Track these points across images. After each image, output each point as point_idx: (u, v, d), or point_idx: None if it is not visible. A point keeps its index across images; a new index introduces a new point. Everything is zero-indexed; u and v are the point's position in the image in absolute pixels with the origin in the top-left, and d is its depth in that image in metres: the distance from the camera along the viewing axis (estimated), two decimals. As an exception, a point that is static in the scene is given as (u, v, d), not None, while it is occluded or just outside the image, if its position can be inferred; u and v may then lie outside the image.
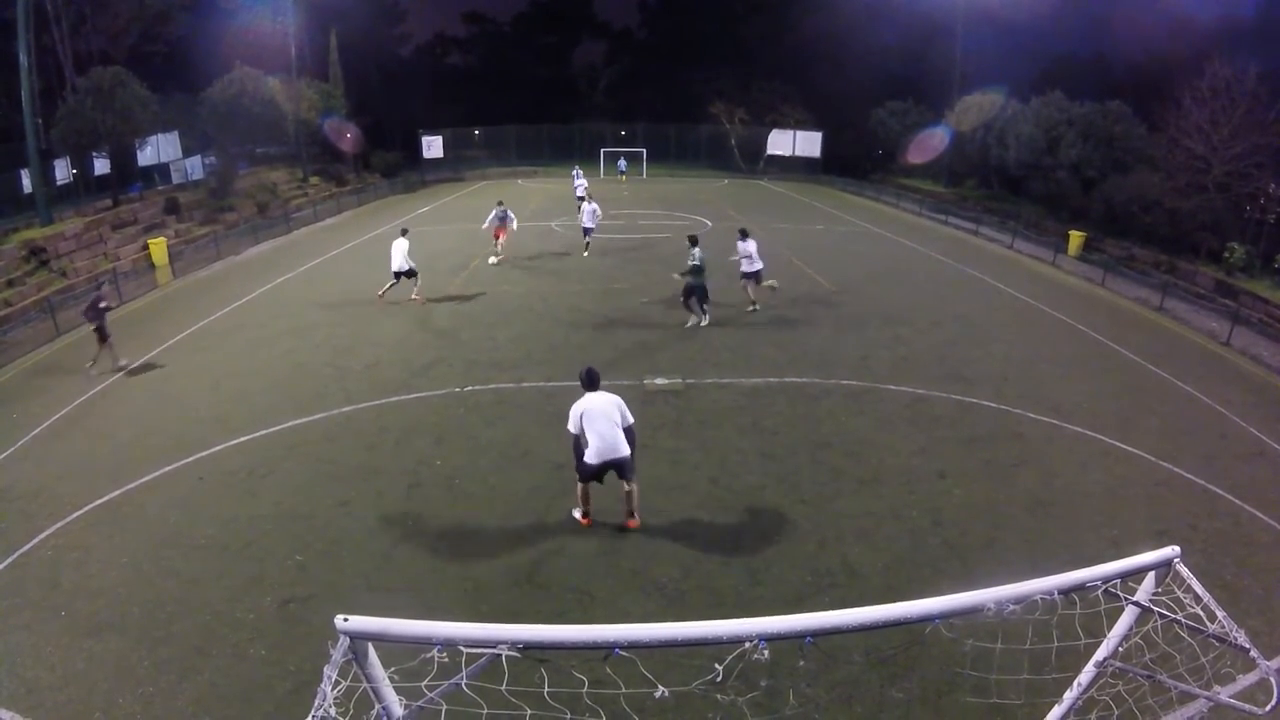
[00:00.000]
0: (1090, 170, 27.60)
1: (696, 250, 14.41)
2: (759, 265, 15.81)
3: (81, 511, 8.30)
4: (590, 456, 7.42)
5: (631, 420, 7.60)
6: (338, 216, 31.82)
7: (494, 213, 20.42)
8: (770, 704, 5.18)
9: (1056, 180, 28.63)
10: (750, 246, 15.59)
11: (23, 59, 21.00)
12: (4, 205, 22.38)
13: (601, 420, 7.35)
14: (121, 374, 12.65)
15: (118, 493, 8.69)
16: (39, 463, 9.58)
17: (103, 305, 12.55)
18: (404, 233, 16.67)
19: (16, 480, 9.09)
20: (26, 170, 21.93)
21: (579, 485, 7.82)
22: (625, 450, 7.45)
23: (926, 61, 41.71)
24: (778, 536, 7.84)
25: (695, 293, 14.68)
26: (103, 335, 12.56)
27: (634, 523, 7.92)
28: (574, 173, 34.43)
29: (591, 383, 7.68)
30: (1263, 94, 21.95)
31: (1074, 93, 29.37)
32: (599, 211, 22.12)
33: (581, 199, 28.93)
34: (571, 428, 7.47)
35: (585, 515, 7.97)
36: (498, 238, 20.60)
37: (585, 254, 21.47)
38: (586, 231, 21.78)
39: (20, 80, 21.28)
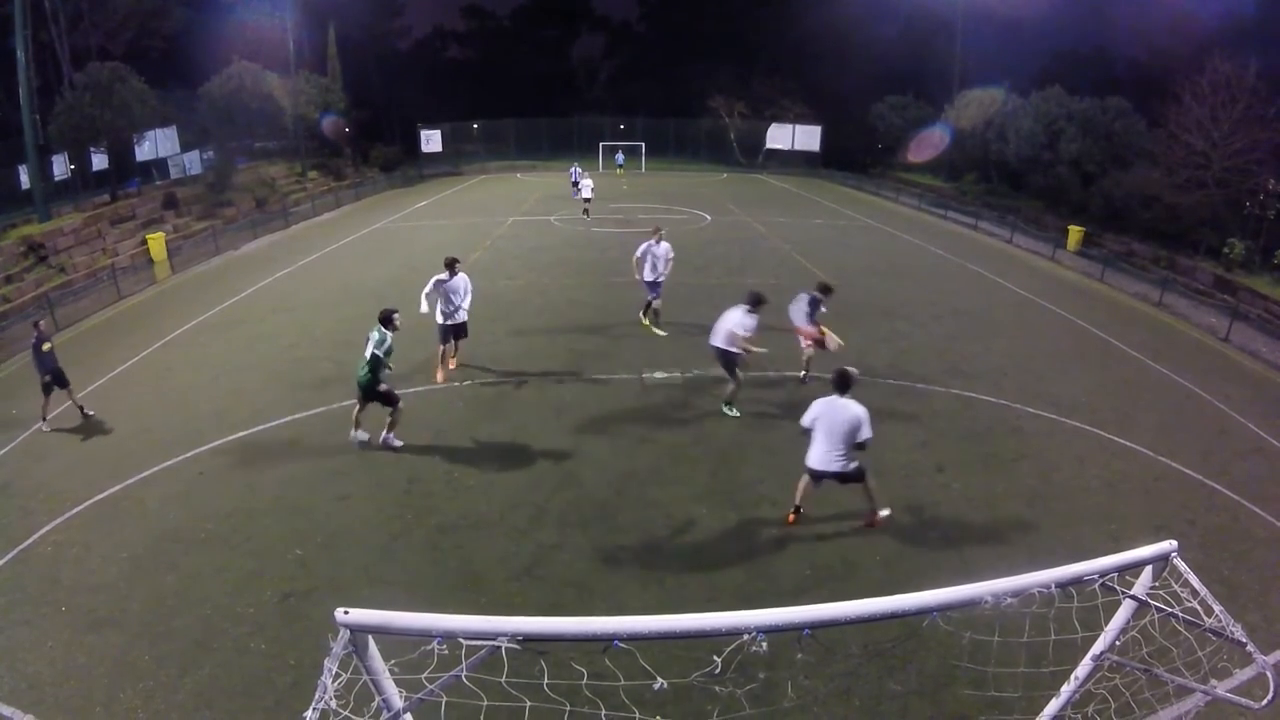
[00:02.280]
0: (1090, 165, 27.58)
1: (377, 335, 9.36)
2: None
3: (81, 507, 8.30)
4: (811, 460, 7.42)
5: (867, 435, 7.21)
6: (336, 211, 31.77)
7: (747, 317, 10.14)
8: (768, 696, 5.20)
9: (1056, 175, 28.61)
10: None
11: (20, 55, 20.95)
12: (2, 201, 22.34)
13: (834, 433, 7.21)
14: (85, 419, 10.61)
15: (117, 488, 8.69)
16: (39, 458, 9.58)
17: (46, 347, 10.30)
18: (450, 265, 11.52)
19: (16, 476, 9.09)
20: (25, 166, 21.88)
21: (804, 480, 7.69)
22: (837, 467, 7.34)
23: (927, 56, 41.64)
24: (776, 530, 7.86)
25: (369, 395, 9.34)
26: (59, 381, 10.46)
27: (878, 519, 7.79)
28: (572, 171, 33.78)
29: (843, 386, 7.31)
30: (1263, 90, 21.92)
31: (1074, 88, 29.33)
32: (671, 254, 14.10)
33: (588, 201, 27.72)
34: (804, 422, 7.42)
35: (796, 511, 7.83)
36: (819, 343, 11.30)
37: (661, 333, 14.21)
38: (653, 289, 14.12)
39: (18, 76, 21.22)
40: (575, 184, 31.90)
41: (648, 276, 14.04)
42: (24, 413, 10.93)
